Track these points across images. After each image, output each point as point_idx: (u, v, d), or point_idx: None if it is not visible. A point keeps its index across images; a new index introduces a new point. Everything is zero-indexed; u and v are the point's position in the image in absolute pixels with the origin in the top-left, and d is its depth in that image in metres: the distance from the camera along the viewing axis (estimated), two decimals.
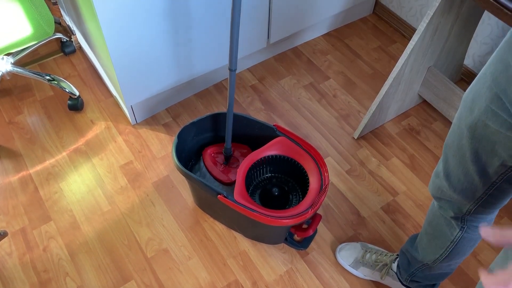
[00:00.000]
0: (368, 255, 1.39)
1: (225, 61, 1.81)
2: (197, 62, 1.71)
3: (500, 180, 0.88)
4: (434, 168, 1.66)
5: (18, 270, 1.41)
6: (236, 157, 1.51)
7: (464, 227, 1.03)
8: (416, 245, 1.20)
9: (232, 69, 1.21)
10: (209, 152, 1.51)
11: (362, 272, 1.39)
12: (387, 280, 1.36)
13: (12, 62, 1.82)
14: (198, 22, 1.56)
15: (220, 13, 1.59)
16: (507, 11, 1.08)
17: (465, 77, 1.93)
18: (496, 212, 1.01)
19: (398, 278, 1.32)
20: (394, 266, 1.33)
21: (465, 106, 0.86)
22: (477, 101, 0.82)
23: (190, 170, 1.54)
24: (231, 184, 1.46)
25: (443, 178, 0.97)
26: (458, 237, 1.05)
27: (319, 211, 1.55)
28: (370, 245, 1.44)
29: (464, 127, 0.87)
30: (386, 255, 1.37)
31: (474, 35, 1.79)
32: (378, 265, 1.36)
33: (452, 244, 1.07)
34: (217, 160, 1.50)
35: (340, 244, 1.46)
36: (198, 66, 1.73)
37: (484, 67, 0.83)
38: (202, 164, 1.51)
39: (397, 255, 1.35)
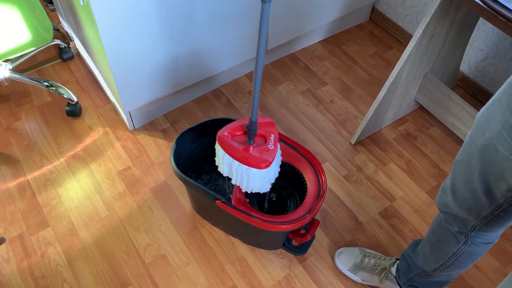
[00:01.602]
0: (366, 260, 1.40)
1: (223, 67, 1.81)
2: (195, 68, 1.71)
3: (507, 203, 0.88)
4: (430, 173, 1.67)
5: (16, 277, 1.41)
6: (261, 133, 1.18)
7: (468, 242, 1.03)
8: (417, 251, 1.20)
9: (265, 0, 0.97)
10: (225, 135, 1.18)
11: (360, 277, 1.40)
12: (386, 284, 1.36)
13: (10, 68, 1.82)
14: (196, 29, 1.57)
15: (218, 20, 1.60)
16: (502, 18, 1.09)
17: (461, 83, 1.95)
18: (502, 230, 1.01)
19: (397, 282, 1.32)
20: (393, 269, 1.34)
21: (478, 126, 0.86)
22: (490, 124, 0.82)
23: (188, 176, 1.54)
24: (269, 165, 1.16)
25: (450, 194, 0.97)
26: (461, 250, 1.05)
27: (317, 217, 1.56)
28: (368, 250, 1.45)
29: (475, 147, 0.87)
30: (385, 259, 1.38)
31: (470, 41, 1.80)
32: (377, 269, 1.37)
33: (454, 256, 1.07)
34: (240, 142, 1.17)
35: (339, 249, 1.47)
36: (196, 72, 1.74)
37: (500, 89, 0.82)
38: (220, 152, 1.18)
39: (396, 259, 1.36)
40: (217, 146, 1.19)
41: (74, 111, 1.80)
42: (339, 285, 1.41)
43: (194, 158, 1.54)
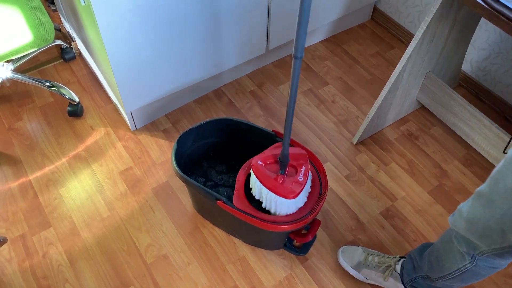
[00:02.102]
0: (370, 257, 1.39)
1: (224, 67, 1.82)
2: (197, 68, 1.72)
3: None
4: (432, 173, 1.67)
5: (18, 277, 1.41)
6: (293, 164, 1.27)
7: (474, 263, 1.02)
8: (424, 256, 1.20)
9: (297, 56, 1.00)
10: (259, 163, 1.27)
11: (364, 274, 1.39)
12: (389, 282, 1.35)
13: (12, 68, 1.83)
14: (196, 29, 1.57)
15: (218, 19, 1.60)
16: (503, 17, 1.09)
17: (463, 83, 1.94)
18: (510, 261, 1.00)
19: (401, 280, 1.32)
20: (398, 267, 1.33)
21: (509, 165, 0.84)
22: None
23: (189, 176, 1.54)
24: (296, 196, 1.24)
25: (465, 220, 0.97)
26: (466, 268, 1.04)
27: (318, 217, 1.56)
28: (371, 250, 1.44)
29: (503, 185, 0.84)
30: (388, 257, 1.37)
31: (472, 40, 1.80)
32: (381, 266, 1.36)
33: (459, 271, 1.07)
34: (272, 171, 1.25)
35: (342, 246, 1.46)
36: (197, 72, 1.74)
37: None
38: (252, 177, 1.28)
39: (401, 257, 1.35)
40: (252, 172, 1.30)
41: (75, 111, 1.80)
42: (340, 285, 1.41)
43: (196, 158, 1.54)
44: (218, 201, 1.27)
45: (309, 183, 1.30)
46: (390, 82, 1.55)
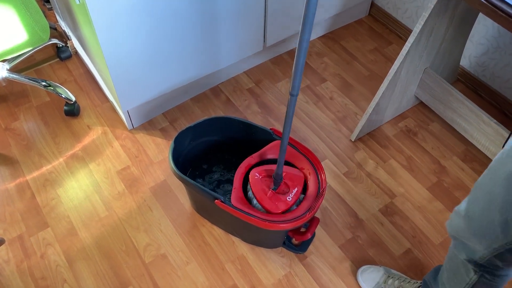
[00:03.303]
0: (390, 281, 1.34)
1: (221, 65, 1.80)
2: (194, 66, 1.71)
3: None
4: (431, 169, 1.66)
5: (16, 278, 1.41)
6: (286, 183, 1.34)
7: (479, 272, 1.00)
8: (438, 278, 1.17)
9: (293, 94, 1.07)
10: (256, 174, 1.35)
11: None
12: None
13: (8, 68, 1.81)
14: (192, 27, 1.56)
15: (215, 16, 1.59)
16: (501, 13, 1.08)
17: (461, 78, 1.94)
18: None
19: None
20: None
21: (510, 152, 0.81)
22: None
23: (187, 175, 1.54)
24: (279, 214, 1.29)
25: (464, 218, 0.94)
26: (474, 280, 1.02)
27: (317, 214, 1.55)
28: (393, 271, 1.39)
29: (502, 173, 0.82)
30: (409, 282, 1.33)
31: (470, 35, 1.79)
32: None
33: (468, 285, 1.04)
34: (265, 184, 1.34)
35: (362, 266, 1.42)
36: (194, 70, 1.73)
37: None
38: (248, 186, 1.36)
39: (420, 283, 1.30)
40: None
41: (72, 111, 1.79)
42: (339, 283, 1.41)
43: (193, 157, 1.54)
44: (216, 200, 1.26)
45: (297, 203, 1.35)
46: (388, 78, 1.54)
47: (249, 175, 1.36)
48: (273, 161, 1.37)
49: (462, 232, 0.96)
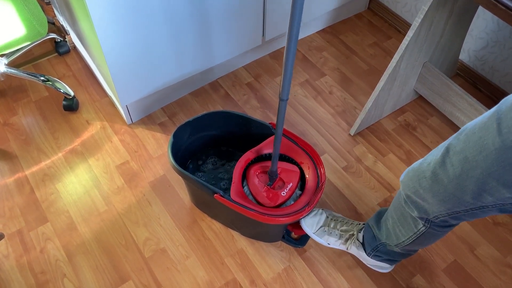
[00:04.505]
0: (333, 223, 1.34)
1: (220, 59, 1.80)
2: (192, 60, 1.70)
3: (493, 207, 0.82)
4: None
5: (15, 272, 1.41)
6: (281, 178, 1.37)
7: (427, 226, 1.00)
8: (381, 223, 1.19)
9: (283, 99, 1.10)
10: (252, 171, 1.38)
11: (326, 241, 1.35)
12: (352, 250, 1.32)
13: (6, 63, 1.81)
14: (192, 20, 1.56)
15: (214, 11, 1.59)
16: (501, 6, 1.08)
17: (460, 72, 1.93)
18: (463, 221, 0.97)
19: (363, 249, 1.30)
20: (360, 236, 1.30)
21: (499, 123, 0.76)
22: None
23: (187, 169, 1.54)
24: (275, 207, 1.33)
25: (429, 180, 0.89)
26: (422, 231, 1.03)
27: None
28: (336, 214, 1.40)
29: (491, 143, 0.76)
30: (352, 223, 1.33)
31: (470, 29, 1.79)
32: (344, 235, 1.32)
33: (415, 235, 1.05)
34: (261, 180, 1.37)
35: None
36: (193, 64, 1.72)
37: None
38: (245, 182, 1.39)
39: (364, 224, 1.31)
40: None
41: (71, 106, 1.79)
42: (339, 276, 1.41)
43: (192, 151, 1.54)
44: (215, 195, 1.26)
45: (292, 197, 1.38)
46: (388, 73, 1.54)
47: (246, 172, 1.37)
48: (271, 156, 1.37)
49: (422, 193, 0.92)
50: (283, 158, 1.40)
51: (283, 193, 1.33)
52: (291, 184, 1.35)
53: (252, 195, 1.35)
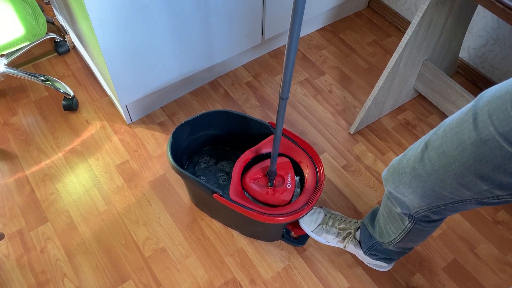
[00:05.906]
0: (331, 221, 1.35)
1: (219, 59, 1.80)
2: (192, 59, 1.70)
3: (472, 201, 0.83)
4: None
5: (16, 272, 1.42)
6: (280, 174, 1.36)
7: (413, 222, 1.01)
8: (375, 222, 1.20)
9: (283, 97, 1.08)
10: (248, 179, 1.35)
11: (325, 239, 1.35)
12: (350, 248, 1.33)
13: (6, 63, 1.81)
14: (191, 19, 1.56)
15: (213, 9, 1.59)
16: (499, 4, 1.07)
17: (460, 70, 1.93)
18: (446, 216, 0.98)
19: (360, 247, 1.30)
20: (357, 234, 1.30)
21: (474, 117, 0.76)
22: (494, 117, 0.72)
23: (186, 169, 1.54)
24: (287, 204, 1.33)
25: (409, 175, 0.90)
26: (409, 228, 1.04)
27: None
28: (334, 211, 1.40)
29: (467, 137, 0.77)
30: (350, 222, 1.33)
31: (469, 27, 1.78)
32: (342, 233, 1.33)
33: (404, 232, 1.06)
34: (260, 184, 1.35)
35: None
36: (192, 63, 1.72)
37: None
38: (247, 194, 1.37)
39: (361, 223, 1.32)
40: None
41: (71, 105, 1.79)
42: (338, 275, 1.41)
43: (192, 151, 1.54)
44: (214, 194, 1.27)
45: (296, 183, 1.39)
46: (387, 71, 1.54)
47: (242, 183, 1.35)
48: (271, 155, 1.37)
49: (402, 188, 0.93)
50: (282, 157, 1.40)
51: (288, 185, 1.33)
52: (289, 174, 1.36)
53: (261, 202, 1.35)
